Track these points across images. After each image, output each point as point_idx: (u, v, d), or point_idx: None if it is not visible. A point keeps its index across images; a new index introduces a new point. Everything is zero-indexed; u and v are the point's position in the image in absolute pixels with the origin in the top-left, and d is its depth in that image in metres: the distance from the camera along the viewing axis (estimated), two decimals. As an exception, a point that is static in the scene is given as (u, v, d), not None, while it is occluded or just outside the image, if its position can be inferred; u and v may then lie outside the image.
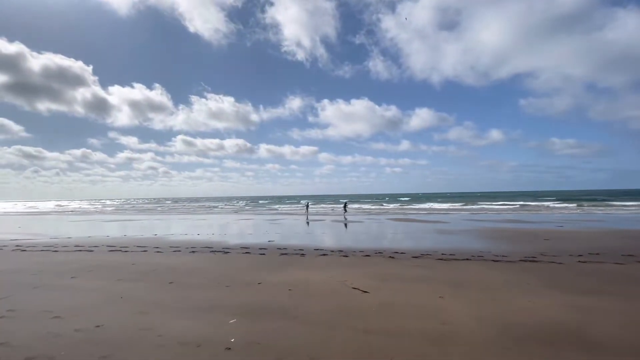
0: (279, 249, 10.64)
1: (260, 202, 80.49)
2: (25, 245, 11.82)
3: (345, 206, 28.75)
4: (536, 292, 5.39)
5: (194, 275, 6.88)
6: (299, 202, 66.70)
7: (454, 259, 8.55)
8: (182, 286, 5.94)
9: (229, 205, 64.02)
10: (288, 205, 55.38)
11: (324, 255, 9.37)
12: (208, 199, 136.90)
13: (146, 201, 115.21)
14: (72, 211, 48.45)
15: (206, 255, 9.42)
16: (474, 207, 40.27)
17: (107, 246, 11.42)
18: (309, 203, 30.87)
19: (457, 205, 43.28)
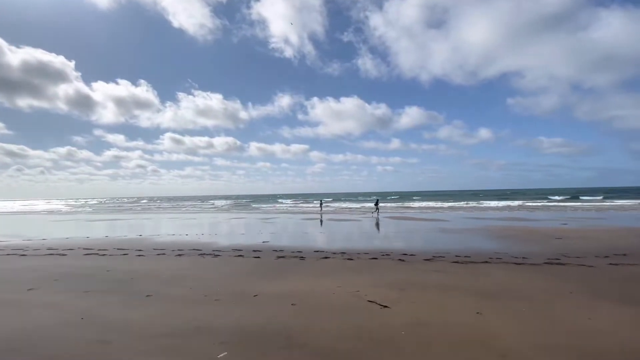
0: (275, 250, 9.65)
1: (252, 200, 79.09)
2: (-9, 249, 10.56)
3: (377, 204, 25.35)
4: (588, 304, 4.54)
5: (178, 284, 5.86)
6: (276, 201, 65.63)
7: (470, 262, 7.70)
8: (162, 299, 4.92)
9: (219, 203, 62.52)
10: (279, 204, 54.31)
11: (326, 258, 8.43)
12: (198, 198, 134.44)
13: (133, 200, 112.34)
14: (49, 211, 46.42)
15: (194, 259, 8.38)
16: (468, 205, 39.86)
17: (84, 249, 10.26)
18: (323, 200, 29.02)
19: (452, 204, 42.83)
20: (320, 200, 28.55)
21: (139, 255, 9.02)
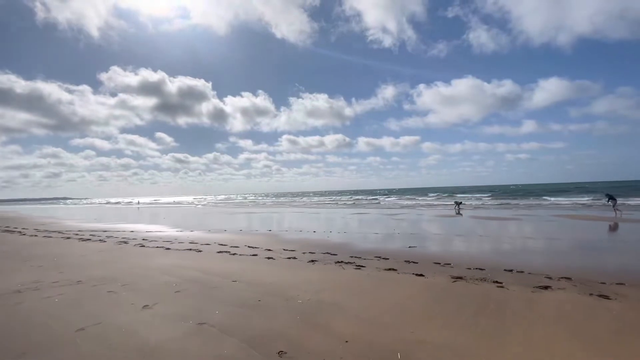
0: (438, 264, 6.65)
1: (367, 195, 77.29)
2: (150, 239, 11.34)
3: (612, 198, 18.35)
4: None
5: (322, 325, 3.63)
6: (393, 195, 60.35)
7: None
8: (302, 369, 2.69)
9: (336, 198, 63.10)
10: (398, 199, 50.22)
11: (546, 288, 4.90)
12: (316, 193, 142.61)
13: (264, 195, 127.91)
14: (204, 204, 55.82)
15: (331, 270, 6.25)
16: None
17: (219, 245, 9.74)
18: (461, 202, 23.84)
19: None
20: (457, 203, 23.22)
21: (269, 258, 7.58)
